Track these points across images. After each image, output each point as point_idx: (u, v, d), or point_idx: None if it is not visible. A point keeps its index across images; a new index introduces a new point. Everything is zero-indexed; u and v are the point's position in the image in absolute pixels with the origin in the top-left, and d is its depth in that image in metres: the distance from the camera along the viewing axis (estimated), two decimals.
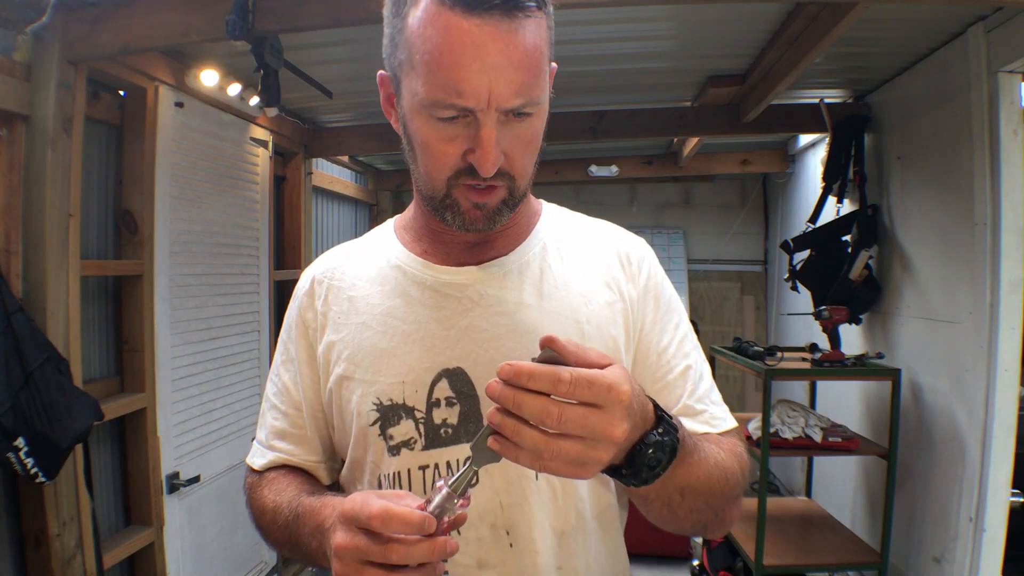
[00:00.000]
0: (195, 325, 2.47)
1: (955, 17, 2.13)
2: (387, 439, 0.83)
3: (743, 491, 0.81)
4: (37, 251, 1.80)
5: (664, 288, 0.91)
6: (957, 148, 2.27)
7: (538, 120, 0.75)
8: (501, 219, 0.78)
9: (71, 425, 1.69)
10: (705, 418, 0.86)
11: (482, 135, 0.70)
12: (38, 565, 1.79)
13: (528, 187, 0.80)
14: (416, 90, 0.71)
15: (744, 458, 0.83)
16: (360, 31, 2.17)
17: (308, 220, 3.46)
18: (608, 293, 0.86)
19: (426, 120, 0.72)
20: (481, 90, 0.68)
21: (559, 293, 0.85)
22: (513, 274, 0.85)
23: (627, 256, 0.90)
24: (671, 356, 0.87)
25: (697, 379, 0.87)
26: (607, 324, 0.84)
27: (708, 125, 3.13)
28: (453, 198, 0.76)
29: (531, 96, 0.71)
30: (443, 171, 0.74)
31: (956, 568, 2.23)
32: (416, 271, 0.87)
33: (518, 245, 0.88)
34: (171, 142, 2.32)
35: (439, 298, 0.85)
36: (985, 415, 2.12)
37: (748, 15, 2.14)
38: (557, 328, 0.81)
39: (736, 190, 5.05)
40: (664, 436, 0.64)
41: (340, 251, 0.97)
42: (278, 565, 3.07)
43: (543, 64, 0.72)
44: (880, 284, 2.86)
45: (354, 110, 3.18)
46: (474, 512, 0.79)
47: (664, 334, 0.87)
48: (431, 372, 0.82)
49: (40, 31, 1.79)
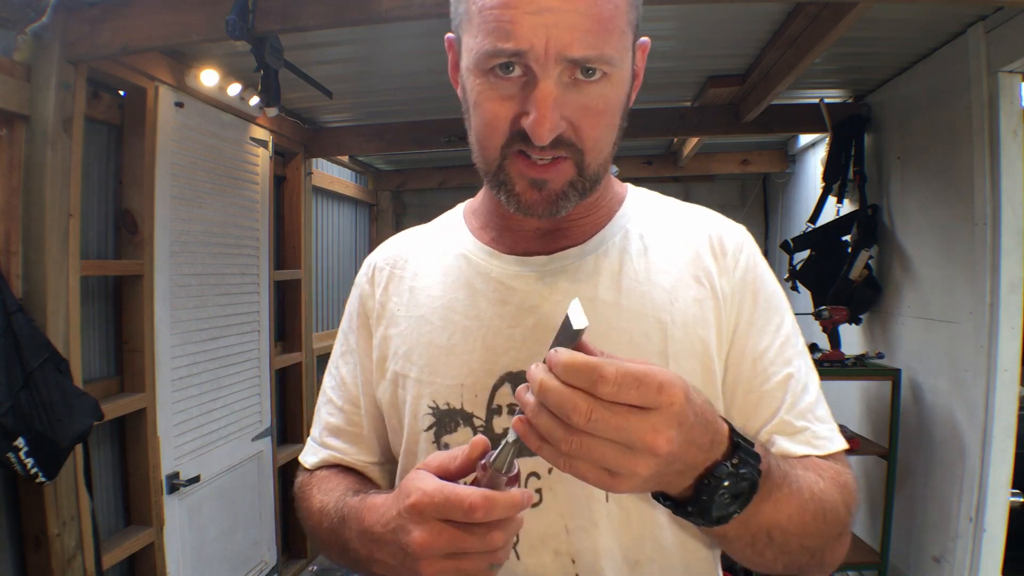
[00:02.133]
0: (195, 325, 2.47)
1: (955, 17, 2.13)
2: (441, 447, 0.74)
3: (849, 526, 0.69)
4: (37, 251, 1.80)
5: (764, 282, 0.77)
6: (957, 148, 2.27)
7: (613, 88, 0.64)
8: (567, 204, 0.67)
9: (71, 425, 1.69)
10: (806, 437, 0.71)
11: (537, 92, 0.60)
12: (38, 565, 1.79)
13: (604, 171, 0.69)
14: (471, 45, 0.63)
15: (850, 488, 0.70)
16: (360, 31, 2.18)
17: (308, 220, 3.46)
18: (697, 288, 0.74)
19: (480, 78, 0.64)
20: (536, 34, 0.58)
21: (640, 288, 0.73)
22: (589, 265, 0.75)
23: (721, 245, 0.77)
24: (769, 362, 0.73)
25: (800, 390, 0.73)
26: (695, 324, 0.72)
27: (708, 125, 3.13)
28: (507, 172, 0.66)
29: (602, 51, 0.60)
30: (495, 137, 0.65)
31: (956, 568, 2.23)
32: (481, 261, 0.78)
33: (596, 233, 0.77)
34: (171, 142, 2.32)
35: (505, 292, 0.75)
36: (985, 415, 2.12)
37: (748, 15, 2.14)
38: (637, 328, 0.72)
39: (736, 190, 5.04)
40: (741, 468, 0.54)
41: (405, 236, 0.89)
42: (278, 565, 3.07)
43: (618, 20, 0.62)
44: (880, 284, 2.86)
45: (354, 110, 3.18)
46: (535, 535, 0.70)
47: (762, 336, 0.74)
48: (493, 375, 0.73)
49: (40, 31, 1.79)
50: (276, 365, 3.12)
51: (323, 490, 0.80)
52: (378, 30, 2.18)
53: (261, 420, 2.92)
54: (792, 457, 0.69)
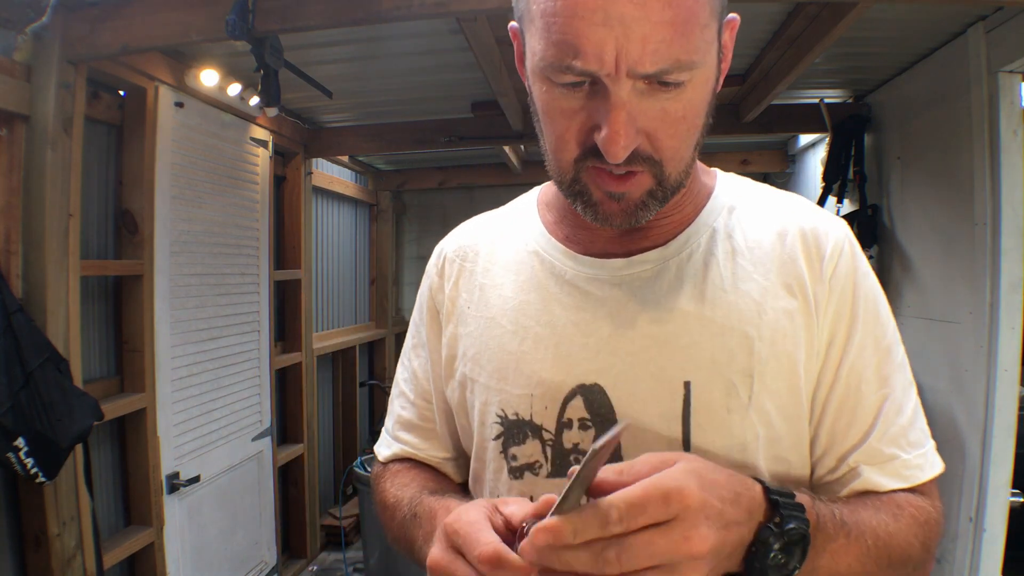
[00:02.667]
0: (195, 325, 2.47)
1: (955, 17, 2.13)
2: (509, 459, 0.71)
3: (928, 563, 0.65)
4: (37, 251, 1.80)
5: (863, 288, 0.69)
6: (957, 148, 2.27)
7: (695, 90, 0.58)
8: (647, 214, 0.63)
9: (71, 425, 1.69)
10: (895, 467, 0.66)
11: (609, 110, 0.56)
12: (38, 565, 1.79)
13: (687, 176, 0.64)
14: (535, 48, 0.58)
15: (931, 523, 0.65)
16: (360, 31, 2.18)
17: (308, 220, 3.46)
18: (788, 299, 0.67)
19: (546, 86, 0.59)
20: (605, 49, 0.53)
21: (726, 298, 0.67)
22: (670, 271, 0.69)
23: (816, 246, 0.69)
24: (865, 381, 0.67)
25: (894, 413, 0.67)
26: (784, 340, 0.66)
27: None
28: (583, 183, 0.62)
29: (678, 59, 0.55)
30: (567, 151, 0.61)
31: (956, 568, 2.23)
32: (555, 261, 0.73)
33: (679, 232, 0.71)
34: (171, 142, 2.32)
35: (579, 297, 0.70)
36: (985, 415, 2.12)
37: (748, 15, 2.13)
38: (720, 344, 0.66)
39: None
40: (786, 524, 0.52)
41: (477, 224, 0.84)
42: (278, 565, 3.07)
43: (699, 15, 0.55)
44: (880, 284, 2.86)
45: (354, 110, 3.18)
46: None
47: (862, 353, 0.67)
48: (565, 387, 0.68)
49: (40, 31, 1.79)
50: (276, 365, 3.12)
51: (397, 484, 0.79)
52: (378, 30, 2.18)
53: (261, 420, 2.92)
54: (879, 492, 0.66)
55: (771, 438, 0.66)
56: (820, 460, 0.69)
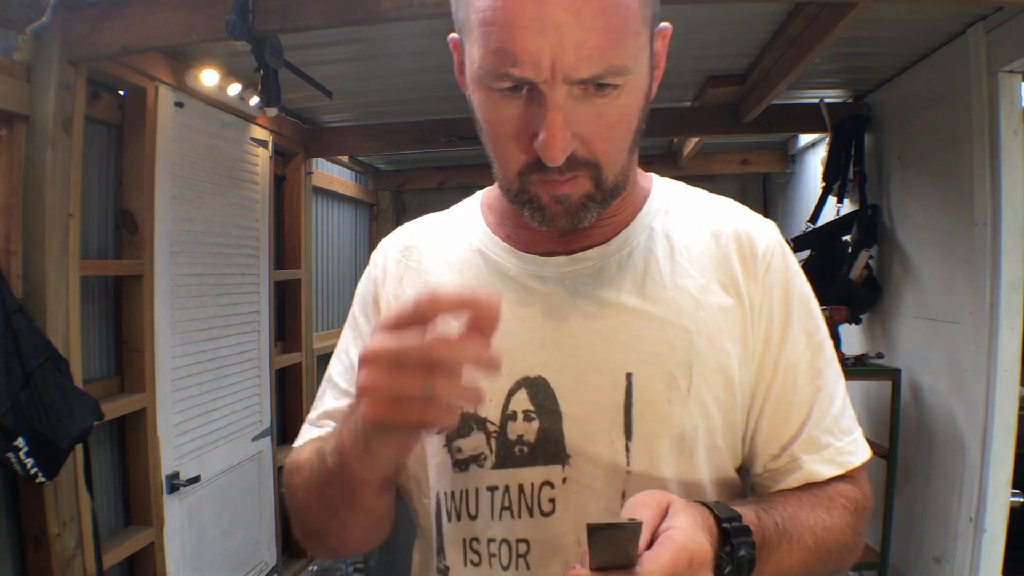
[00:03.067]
0: (195, 325, 2.47)
1: (955, 17, 2.13)
2: (454, 452, 0.72)
3: (859, 545, 0.72)
4: (37, 251, 1.79)
5: (794, 287, 0.74)
6: (957, 148, 2.27)
7: (628, 95, 0.61)
8: (588, 215, 0.66)
9: (71, 425, 1.69)
10: (831, 454, 0.71)
11: (546, 115, 0.58)
12: (38, 565, 1.79)
13: (624, 179, 0.67)
14: (474, 57, 0.60)
15: (860, 510, 0.71)
16: (360, 31, 2.18)
17: (308, 220, 3.46)
18: (723, 296, 0.71)
19: (485, 93, 0.61)
20: (542, 56, 0.55)
21: (665, 293, 0.70)
22: (611, 268, 0.72)
23: (750, 246, 0.73)
24: (800, 374, 0.72)
25: (827, 403, 0.72)
26: (720, 334, 0.70)
27: (708, 125, 3.13)
28: (531, 193, 0.64)
29: (612, 64, 0.57)
30: (511, 163, 0.63)
31: (956, 568, 2.23)
32: (499, 259, 0.75)
33: (619, 232, 0.74)
34: (171, 142, 2.32)
35: (524, 293, 0.72)
36: (985, 415, 2.12)
37: (748, 15, 2.14)
38: (660, 337, 0.69)
39: (736, 190, 5.03)
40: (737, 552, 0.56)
41: (421, 224, 0.85)
42: (278, 565, 3.07)
43: (631, 21, 0.58)
44: (880, 284, 2.86)
45: (354, 110, 3.18)
46: (545, 546, 0.69)
47: (796, 347, 0.72)
48: (509, 380, 0.70)
49: (40, 31, 1.79)
50: (276, 365, 3.12)
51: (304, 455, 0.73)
52: (378, 30, 2.18)
53: (261, 420, 2.92)
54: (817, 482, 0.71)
55: (709, 428, 0.70)
56: (763, 449, 0.73)
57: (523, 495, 0.69)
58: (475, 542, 0.71)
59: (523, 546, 0.69)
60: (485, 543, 0.70)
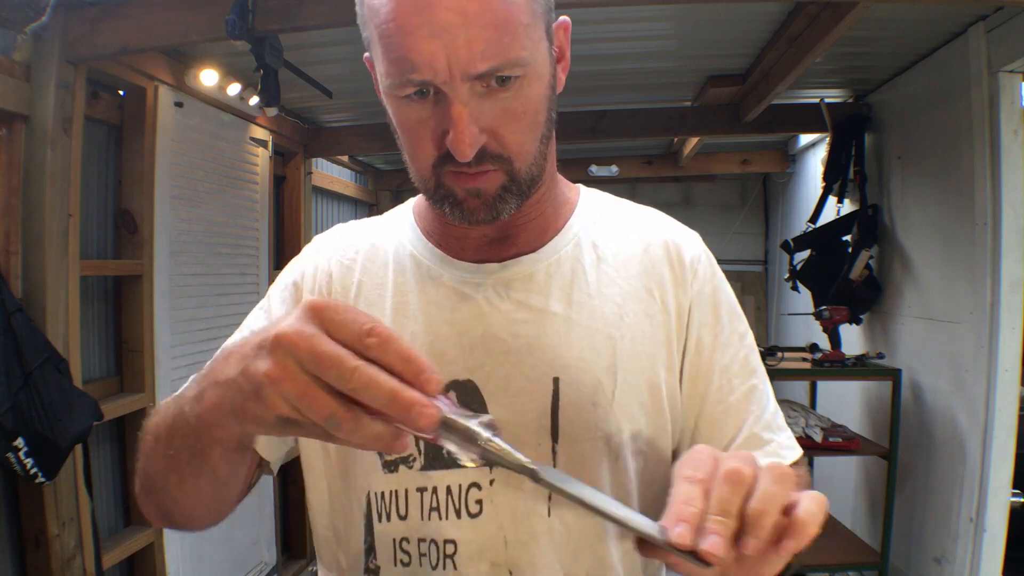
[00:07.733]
0: (195, 325, 2.47)
1: (955, 17, 2.13)
2: (382, 453, 0.72)
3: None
4: (37, 251, 1.79)
5: (722, 293, 0.78)
6: (957, 148, 2.27)
7: (531, 87, 0.63)
8: (507, 207, 0.67)
9: (71, 425, 1.69)
10: (772, 449, 0.73)
11: (451, 113, 0.60)
12: (38, 565, 1.78)
13: (538, 170, 0.68)
14: (381, 70, 0.63)
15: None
16: (360, 31, 2.17)
17: (308, 220, 3.46)
18: (649, 302, 0.74)
19: (395, 103, 0.64)
20: (436, 59, 0.58)
21: (592, 302, 0.73)
22: (539, 276, 0.73)
23: (678, 255, 0.76)
24: (734, 374, 0.74)
25: (764, 401, 0.75)
26: (643, 340, 0.72)
27: (708, 125, 3.13)
28: (446, 187, 0.66)
29: (506, 56, 0.59)
30: (424, 159, 0.65)
31: (956, 568, 2.23)
32: (431, 264, 0.76)
33: (547, 241, 0.75)
34: (171, 142, 2.32)
35: (455, 299, 0.73)
36: (985, 415, 2.12)
37: (748, 15, 2.14)
38: (586, 344, 0.71)
39: (736, 190, 5.04)
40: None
41: (355, 228, 0.85)
42: (278, 565, 3.07)
43: (519, 14, 0.60)
44: (880, 284, 2.86)
45: (354, 110, 3.18)
46: (473, 546, 0.70)
47: (727, 349, 0.75)
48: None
49: (40, 31, 1.79)
50: None
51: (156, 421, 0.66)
52: None
53: None
54: None
55: (633, 432, 0.71)
56: None
57: (451, 496, 0.70)
58: (405, 542, 0.72)
59: (451, 547, 0.70)
60: (415, 543, 0.71)
